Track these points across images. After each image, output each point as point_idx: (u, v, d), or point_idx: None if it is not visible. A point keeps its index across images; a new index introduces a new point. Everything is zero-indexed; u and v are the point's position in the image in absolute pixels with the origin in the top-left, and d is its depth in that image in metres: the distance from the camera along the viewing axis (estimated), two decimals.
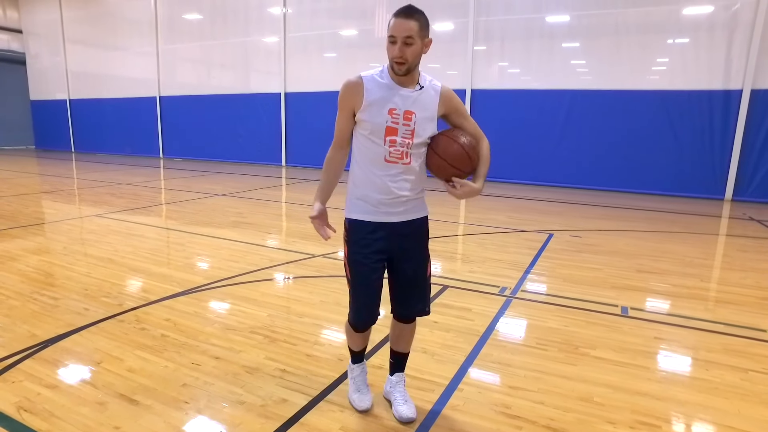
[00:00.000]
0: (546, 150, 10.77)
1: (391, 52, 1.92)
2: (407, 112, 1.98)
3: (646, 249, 5.44)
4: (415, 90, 2.00)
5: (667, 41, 9.57)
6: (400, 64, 1.92)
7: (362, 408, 2.25)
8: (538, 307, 3.64)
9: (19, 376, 2.52)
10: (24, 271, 4.25)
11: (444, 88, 2.06)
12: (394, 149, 1.99)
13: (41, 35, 19.51)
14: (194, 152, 16.15)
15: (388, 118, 1.97)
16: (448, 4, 11.51)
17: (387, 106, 1.97)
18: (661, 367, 2.78)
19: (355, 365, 2.35)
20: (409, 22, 1.88)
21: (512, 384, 2.53)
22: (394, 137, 1.98)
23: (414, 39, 1.89)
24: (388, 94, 1.98)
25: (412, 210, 2.10)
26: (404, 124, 1.98)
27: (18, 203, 7.65)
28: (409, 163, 2.02)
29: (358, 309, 2.14)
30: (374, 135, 1.99)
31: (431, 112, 2.02)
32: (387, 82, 2.00)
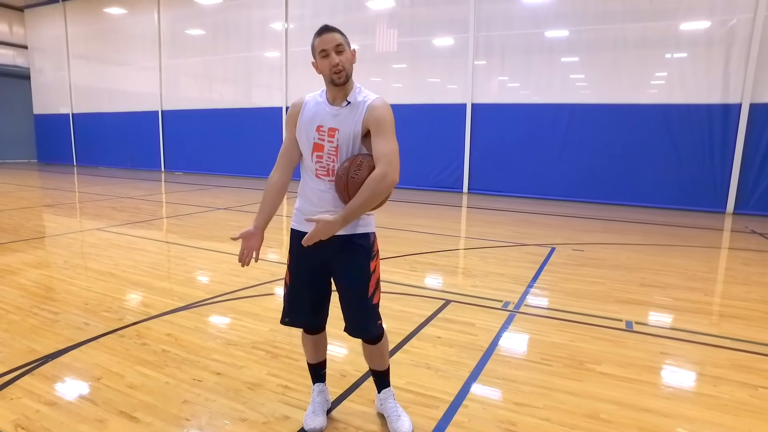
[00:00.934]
0: (546, 164, 10.80)
1: (327, 64, 1.97)
2: (331, 129, 2.01)
3: (648, 262, 5.42)
4: (342, 106, 2.02)
5: (666, 56, 9.66)
6: (338, 72, 1.97)
7: (309, 428, 2.19)
8: (542, 322, 3.61)
9: (17, 393, 2.49)
10: (24, 285, 4.22)
11: (372, 102, 2.02)
12: (320, 165, 2.04)
13: (46, 50, 19.72)
14: (196, 166, 16.20)
15: (315, 135, 2.03)
16: (448, 20, 11.65)
17: (315, 123, 2.04)
18: (667, 382, 2.75)
19: (314, 385, 2.35)
20: (334, 35, 1.98)
21: (517, 400, 2.50)
22: (320, 153, 2.03)
23: (343, 46, 1.99)
24: (318, 111, 2.05)
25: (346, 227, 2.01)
26: (329, 141, 2.01)
27: (19, 217, 7.65)
28: (334, 179, 2.01)
29: (286, 308, 2.22)
30: (305, 151, 2.08)
31: (354, 128, 2.00)
32: (322, 100, 2.07)
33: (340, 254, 2.07)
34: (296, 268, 2.16)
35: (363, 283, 2.08)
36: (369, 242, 2.11)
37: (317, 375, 2.36)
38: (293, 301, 2.20)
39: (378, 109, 2.00)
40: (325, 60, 1.98)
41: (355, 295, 2.09)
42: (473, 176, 11.67)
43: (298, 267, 2.15)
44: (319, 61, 2.00)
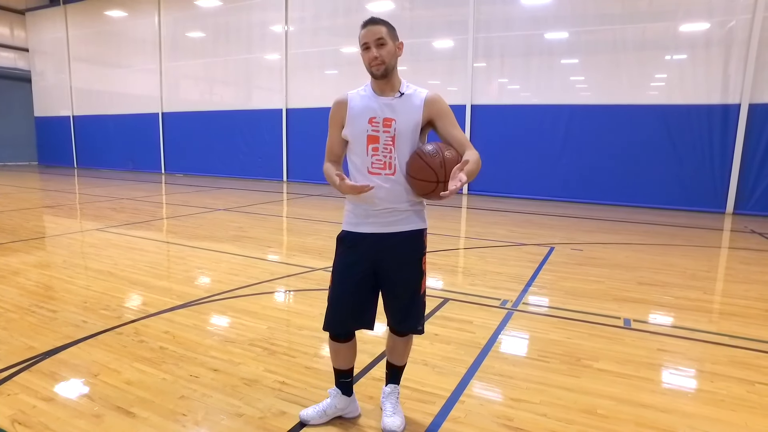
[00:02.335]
0: (546, 164, 10.81)
1: (367, 57, 1.98)
2: (386, 119, 1.99)
3: (647, 262, 5.41)
4: (395, 97, 2.02)
5: (665, 57, 9.68)
6: (378, 65, 1.96)
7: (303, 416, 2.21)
8: (540, 320, 3.61)
9: (14, 389, 2.49)
10: (23, 285, 4.23)
11: (430, 94, 2.04)
12: (376, 158, 2.00)
13: (47, 53, 19.79)
14: (196, 168, 16.23)
15: (368, 126, 2.00)
16: (448, 22, 11.68)
17: (367, 115, 2.01)
18: (665, 379, 2.74)
19: (332, 390, 2.24)
20: (378, 27, 1.97)
21: (514, 396, 2.49)
22: (376, 145, 1.99)
23: (385, 39, 1.96)
24: (368, 104, 2.02)
25: (401, 222, 2.05)
26: (384, 131, 1.99)
27: (19, 218, 7.67)
28: (393, 173, 2.00)
29: (332, 317, 2.12)
30: (357, 146, 2.02)
31: (413, 118, 2.01)
32: (368, 94, 2.05)
33: (395, 250, 2.05)
34: (341, 273, 2.08)
35: (418, 281, 2.10)
36: (424, 237, 2.13)
37: (341, 383, 2.23)
38: (336, 306, 2.11)
39: (441, 102, 2.05)
40: (366, 53, 1.98)
41: (409, 293, 2.09)
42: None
43: (345, 270, 2.07)
44: (362, 54, 2.01)
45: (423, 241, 2.12)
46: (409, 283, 2.09)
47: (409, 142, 2.00)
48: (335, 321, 2.12)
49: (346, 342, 2.18)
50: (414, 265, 2.10)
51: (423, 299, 2.15)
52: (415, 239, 2.09)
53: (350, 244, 2.06)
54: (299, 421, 2.23)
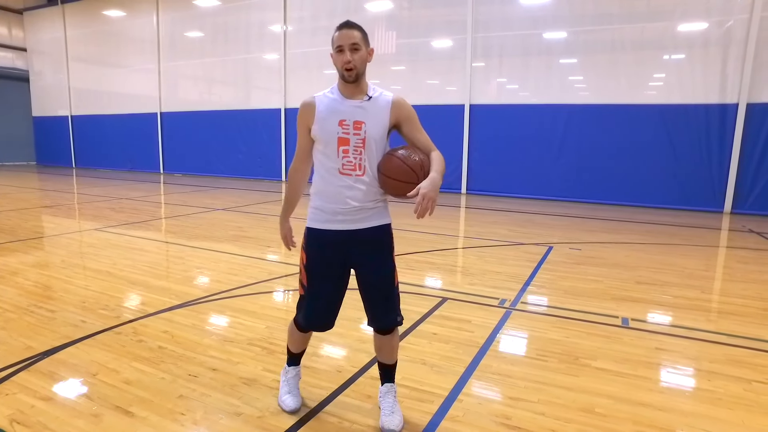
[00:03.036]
0: (545, 164, 10.82)
1: (340, 60, 2.03)
2: (356, 122, 2.05)
3: (645, 261, 5.43)
4: (364, 100, 2.08)
5: (663, 57, 9.69)
6: (349, 70, 2.01)
7: (290, 408, 2.29)
8: (539, 319, 3.61)
9: (13, 389, 2.49)
10: (22, 285, 4.23)
11: (396, 98, 2.13)
12: (347, 160, 2.05)
13: (45, 53, 19.76)
14: (194, 167, 16.21)
15: (339, 129, 2.04)
16: (446, 22, 11.69)
17: (337, 118, 2.05)
18: (663, 377, 2.75)
19: (291, 367, 2.42)
20: (353, 32, 2.02)
21: (513, 395, 2.50)
22: (346, 147, 2.05)
23: (359, 45, 2.02)
24: (337, 106, 2.07)
25: (369, 218, 2.12)
26: (355, 134, 2.04)
27: (18, 218, 7.66)
28: (362, 174, 2.06)
29: (308, 314, 2.20)
30: (328, 147, 2.06)
31: (381, 121, 2.07)
32: (336, 96, 2.09)
33: (366, 246, 2.12)
34: (317, 269, 2.14)
35: (390, 273, 2.16)
36: (391, 232, 2.20)
37: (296, 359, 2.44)
38: (314, 305, 2.17)
39: (406, 105, 2.14)
40: (340, 55, 2.02)
41: (385, 286, 2.15)
42: (472, 177, 11.69)
43: (320, 267, 2.14)
44: (335, 56, 2.05)
45: (391, 235, 2.21)
46: (386, 277, 2.16)
47: (377, 144, 2.08)
48: (316, 317, 2.19)
49: (306, 333, 2.32)
50: (387, 259, 2.17)
51: (398, 291, 2.23)
52: (384, 233, 2.17)
53: (322, 241, 2.11)
54: (298, 419, 2.24)
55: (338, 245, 2.10)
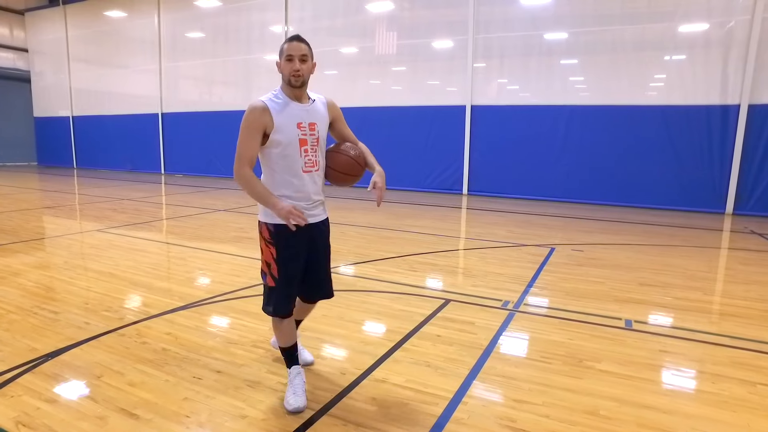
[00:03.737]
0: (546, 165, 10.82)
1: (289, 67, 2.26)
2: (311, 123, 2.33)
3: (647, 262, 5.43)
4: (310, 103, 2.37)
5: (664, 57, 9.69)
6: (297, 77, 2.27)
7: (293, 408, 2.32)
8: (542, 321, 3.62)
9: (18, 391, 2.50)
10: (25, 286, 4.23)
11: (329, 99, 2.48)
12: (307, 159, 2.32)
13: (46, 53, 19.77)
14: (195, 168, 16.21)
15: (298, 131, 2.29)
16: (447, 22, 11.69)
17: (294, 121, 2.28)
18: (667, 380, 2.75)
19: (292, 368, 2.47)
20: (302, 45, 2.28)
21: (517, 397, 2.50)
22: (306, 147, 2.31)
23: (307, 57, 2.30)
24: (290, 111, 2.29)
25: (322, 211, 2.47)
26: (311, 134, 2.32)
27: (19, 218, 7.66)
28: (318, 170, 2.38)
29: (283, 301, 2.38)
30: (290, 149, 2.27)
31: (325, 120, 2.41)
32: (283, 101, 2.31)
33: (322, 232, 2.48)
34: (288, 260, 2.35)
35: (329, 254, 2.56)
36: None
37: (293, 358, 2.50)
38: (286, 292, 2.38)
39: (337, 105, 2.50)
40: (288, 64, 2.26)
41: (327, 264, 2.54)
42: (473, 178, 11.69)
43: (291, 257, 2.35)
44: (283, 63, 2.29)
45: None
46: (328, 259, 2.55)
47: (324, 141, 2.42)
48: (286, 302, 2.40)
49: (289, 316, 2.45)
50: (329, 244, 2.56)
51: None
52: (328, 223, 2.55)
53: (290, 234, 2.29)
54: (302, 422, 2.24)
55: (303, 237, 2.35)
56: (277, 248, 2.33)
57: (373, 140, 11.98)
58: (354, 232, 6.95)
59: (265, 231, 2.36)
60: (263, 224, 2.37)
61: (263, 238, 2.37)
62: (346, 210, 8.98)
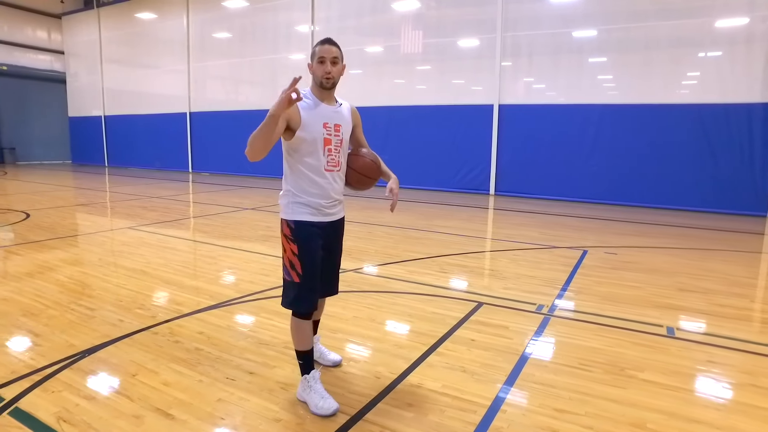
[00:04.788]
0: (575, 165, 10.58)
1: (321, 69, 2.31)
2: (336, 125, 2.38)
3: (686, 267, 5.23)
4: (337, 106, 2.43)
5: (699, 54, 9.36)
6: (329, 78, 2.31)
7: (334, 409, 2.30)
8: (578, 326, 3.50)
9: (58, 386, 2.53)
10: (62, 282, 4.32)
11: (352, 106, 2.55)
12: (330, 158, 2.37)
13: (81, 55, 20.35)
14: (222, 167, 16.44)
15: (323, 131, 2.33)
16: (475, 21, 11.54)
17: (321, 121, 2.33)
18: (717, 393, 2.61)
19: (311, 374, 2.42)
20: (333, 48, 2.33)
21: (557, 406, 2.41)
22: (330, 147, 2.36)
23: (338, 59, 2.33)
24: (318, 111, 2.34)
25: (340, 210, 2.52)
26: (335, 136, 2.37)
27: (56, 215, 7.87)
28: (340, 170, 2.44)
29: (307, 297, 2.38)
30: (313, 146, 2.32)
31: (349, 124, 2.47)
32: (313, 101, 2.35)
33: (339, 230, 2.55)
34: (310, 256, 2.36)
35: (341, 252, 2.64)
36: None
37: (311, 362, 2.47)
38: (309, 286, 2.38)
39: (358, 114, 2.58)
40: (321, 66, 2.31)
41: (339, 263, 2.63)
42: (500, 178, 11.52)
43: (312, 254, 2.37)
44: (315, 66, 2.33)
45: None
46: (341, 257, 2.63)
47: (347, 144, 2.48)
48: (311, 297, 2.39)
49: (312, 314, 2.44)
50: (342, 242, 2.61)
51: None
52: (344, 222, 2.59)
53: (312, 232, 2.36)
54: (338, 427, 2.20)
55: (322, 234, 2.41)
56: (298, 244, 2.35)
57: (398, 140, 11.93)
58: (382, 232, 6.91)
59: (286, 228, 2.38)
60: (284, 221, 2.41)
61: (284, 234, 2.40)
62: (374, 210, 8.95)
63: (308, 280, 2.36)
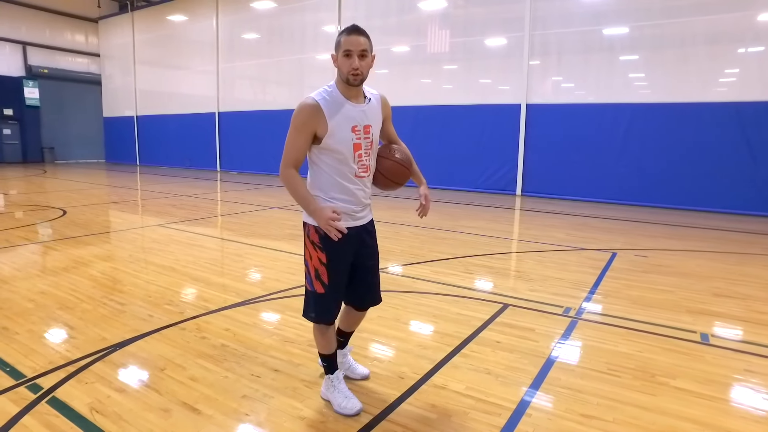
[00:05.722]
0: (604, 166, 10.33)
1: (347, 64, 2.05)
2: (366, 126, 2.16)
3: (721, 271, 5.04)
4: (366, 103, 2.19)
5: (738, 50, 9.00)
6: (356, 75, 2.06)
7: (358, 408, 2.29)
8: (607, 330, 3.41)
9: (91, 378, 2.61)
10: (95, 277, 4.46)
11: (381, 95, 2.29)
12: (361, 164, 2.19)
13: (115, 57, 21.00)
14: (250, 166, 16.69)
15: (353, 135, 2.13)
16: (502, 19, 11.41)
17: (349, 125, 2.11)
18: (755, 404, 2.50)
19: (334, 374, 2.39)
20: (362, 38, 2.05)
21: (585, 412, 2.35)
22: (360, 152, 2.17)
23: (367, 52, 2.07)
24: (345, 113, 2.11)
25: (368, 214, 2.34)
26: (365, 138, 2.17)
27: (90, 213, 8.13)
28: (369, 174, 2.26)
29: (330, 308, 2.29)
30: (343, 154, 2.13)
31: (379, 121, 2.26)
32: (338, 100, 2.11)
33: (369, 236, 2.34)
34: (339, 266, 2.24)
35: (378, 256, 2.44)
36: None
37: (335, 363, 2.42)
38: (334, 297, 2.28)
39: (389, 103, 2.34)
40: (347, 60, 2.05)
41: (378, 267, 2.42)
42: (527, 178, 11.34)
43: (342, 263, 2.25)
44: (341, 59, 2.07)
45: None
46: (378, 263, 2.42)
47: (377, 143, 2.28)
48: (334, 308, 2.30)
49: (333, 323, 2.36)
50: (377, 248, 2.42)
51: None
52: (374, 226, 2.41)
53: (342, 239, 2.15)
54: (361, 426, 2.20)
55: (352, 241, 2.23)
56: (327, 253, 2.19)
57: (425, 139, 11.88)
58: (408, 231, 6.89)
59: (314, 234, 2.21)
60: (311, 227, 2.23)
61: (311, 242, 2.23)
62: (401, 209, 8.94)
63: (333, 291, 2.24)
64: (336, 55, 2.09)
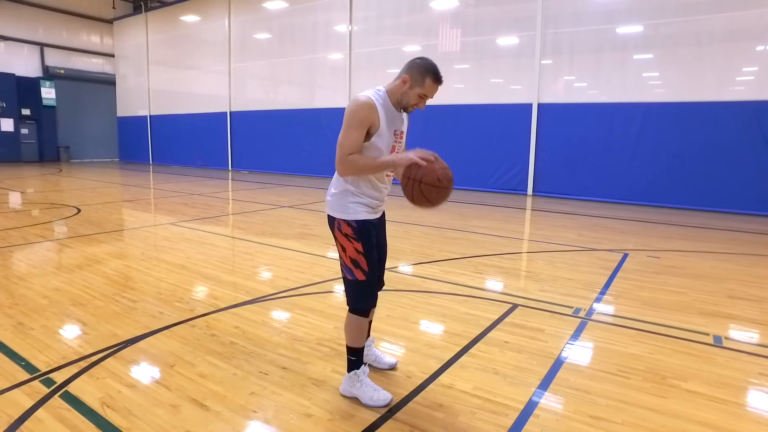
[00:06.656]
0: (617, 166, 10.23)
1: (415, 100, 2.29)
2: (401, 132, 2.40)
3: (735, 273, 4.96)
4: (402, 112, 2.40)
5: (757, 48, 8.85)
6: (412, 109, 2.34)
7: (389, 399, 2.37)
8: (617, 331, 3.38)
9: (102, 373, 2.64)
10: (107, 274, 4.52)
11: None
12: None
13: (129, 58, 21.27)
14: (261, 165, 16.80)
15: (394, 138, 2.35)
16: (514, 18, 11.34)
17: (393, 128, 2.33)
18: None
19: (360, 369, 2.44)
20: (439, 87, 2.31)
21: (593, 413, 2.33)
22: (394, 154, 2.36)
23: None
24: (393, 117, 2.33)
25: (384, 205, 2.55)
26: (398, 143, 2.39)
27: (104, 211, 8.24)
28: (393, 175, 2.46)
29: (372, 293, 2.44)
30: (380, 154, 2.28)
31: (407, 127, 2.48)
32: (387, 104, 2.30)
33: (383, 223, 2.58)
34: (373, 253, 2.38)
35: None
36: None
37: (362, 356, 2.48)
38: (373, 282, 2.42)
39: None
40: (420, 100, 2.30)
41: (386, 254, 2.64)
42: (538, 178, 11.27)
43: (374, 250, 2.39)
44: (413, 94, 2.27)
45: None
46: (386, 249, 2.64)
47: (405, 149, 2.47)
48: (375, 294, 2.47)
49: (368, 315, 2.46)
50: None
51: None
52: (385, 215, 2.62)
53: (370, 229, 2.37)
54: (368, 425, 2.20)
55: (378, 230, 2.46)
56: (362, 242, 2.33)
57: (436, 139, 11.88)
58: (418, 231, 6.89)
59: (346, 227, 2.32)
60: (342, 221, 2.33)
61: (345, 234, 2.32)
62: (411, 209, 8.93)
63: (372, 276, 2.38)
64: (410, 82, 2.25)
